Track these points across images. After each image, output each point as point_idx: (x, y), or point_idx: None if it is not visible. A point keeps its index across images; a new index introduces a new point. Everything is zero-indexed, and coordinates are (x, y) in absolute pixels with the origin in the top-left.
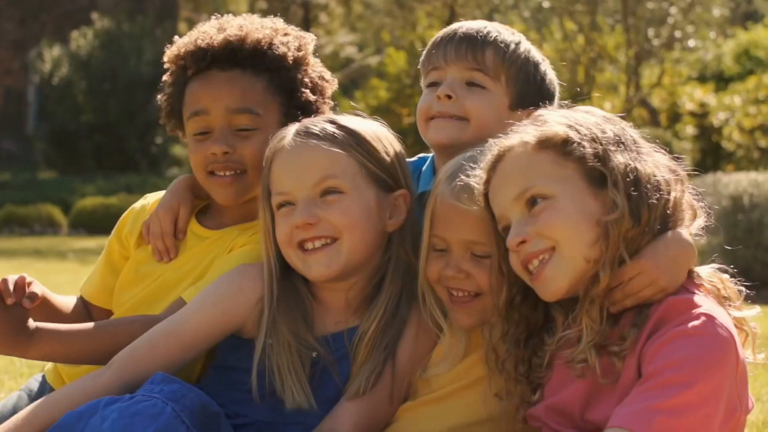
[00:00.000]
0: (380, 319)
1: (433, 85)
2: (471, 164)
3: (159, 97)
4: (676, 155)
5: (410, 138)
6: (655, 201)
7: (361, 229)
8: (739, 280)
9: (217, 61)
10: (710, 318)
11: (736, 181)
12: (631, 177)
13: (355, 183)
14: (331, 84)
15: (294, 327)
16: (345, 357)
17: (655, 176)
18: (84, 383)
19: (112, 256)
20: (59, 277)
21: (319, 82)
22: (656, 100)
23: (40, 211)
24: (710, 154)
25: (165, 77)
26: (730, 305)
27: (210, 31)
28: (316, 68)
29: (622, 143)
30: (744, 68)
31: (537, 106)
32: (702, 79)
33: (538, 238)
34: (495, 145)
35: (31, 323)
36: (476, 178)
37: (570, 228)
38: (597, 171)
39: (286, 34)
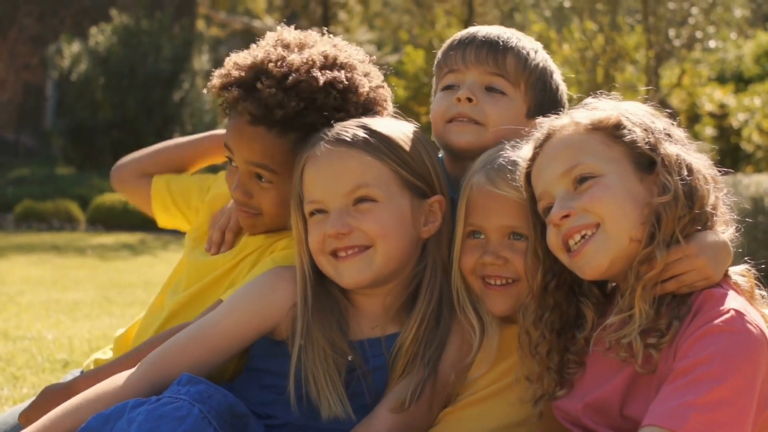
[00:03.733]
0: (418, 327)
1: (449, 88)
2: (504, 154)
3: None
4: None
5: (428, 136)
6: (706, 192)
7: (394, 238)
8: (759, 283)
9: (247, 112)
10: (740, 315)
11: (756, 182)
12: (683, 165)
13: (389, 191)
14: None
15: (329, 334)
16: (382, 365)
17: (703, 171)
18: (111, 385)
19: (204, 182)
20: (78, 273)
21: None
22: (675, 100)
23: (58, 206)
24: (729, 156)
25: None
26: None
27: (248, 76)
28: (359, 105)
29: (671, 136)
30: (764, 69)
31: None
32: (721, 80)
33: (584, 213)
34: (544, 125)
35: None
36: (521, 155)
37: (617, 205)
38: (645, 157)
39: (327, 92)
